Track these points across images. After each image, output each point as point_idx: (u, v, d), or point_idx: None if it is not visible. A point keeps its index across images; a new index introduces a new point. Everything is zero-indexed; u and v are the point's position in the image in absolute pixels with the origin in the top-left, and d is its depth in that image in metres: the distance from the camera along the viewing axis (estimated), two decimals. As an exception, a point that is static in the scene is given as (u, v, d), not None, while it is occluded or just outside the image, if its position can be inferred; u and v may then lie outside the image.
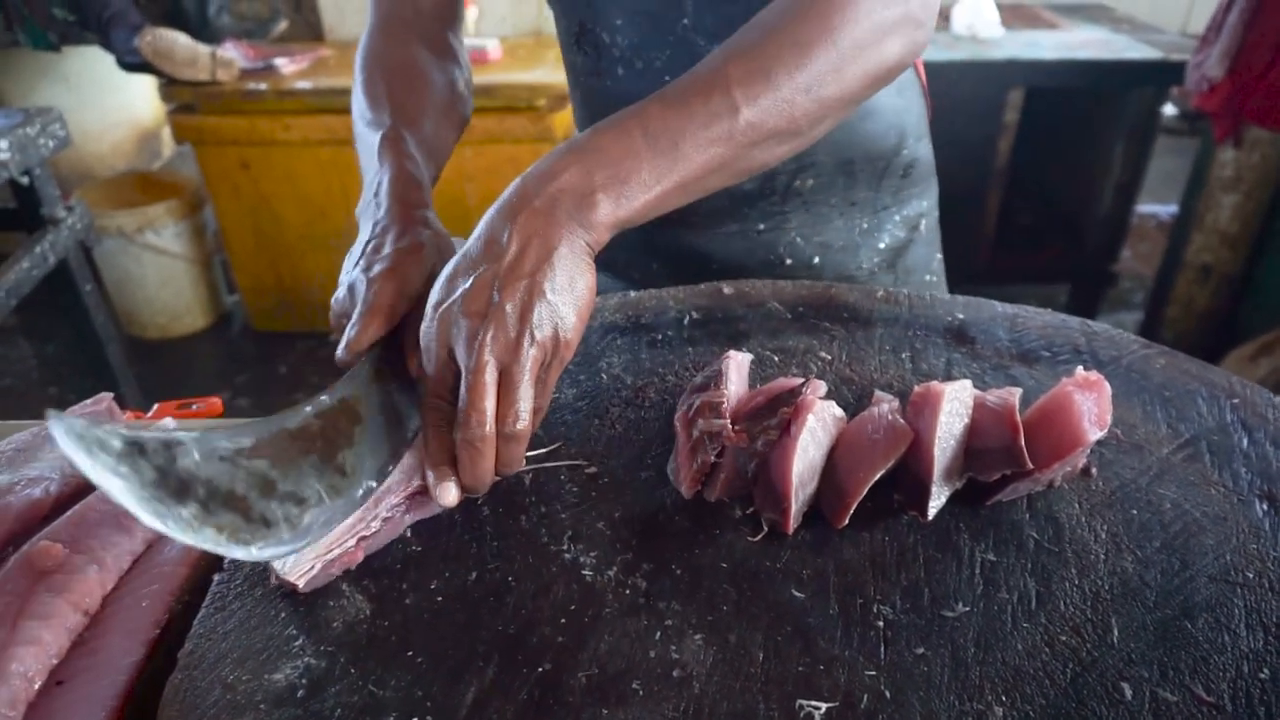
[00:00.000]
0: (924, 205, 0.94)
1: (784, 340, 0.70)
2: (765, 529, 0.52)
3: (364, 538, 0.51)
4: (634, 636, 0.46)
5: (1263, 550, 0.50)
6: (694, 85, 0.55)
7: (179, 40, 2.29)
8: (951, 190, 1.11)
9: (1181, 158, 3.19)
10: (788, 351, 0.69)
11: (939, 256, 0.99)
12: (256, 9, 2.94)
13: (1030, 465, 0.51)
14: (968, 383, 0.56)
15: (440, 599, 0.49)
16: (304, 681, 0.44)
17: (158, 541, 0.55)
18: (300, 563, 0.49)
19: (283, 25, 2.89)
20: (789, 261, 0.89)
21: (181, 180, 2.83)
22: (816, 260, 0.89)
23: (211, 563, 0.52)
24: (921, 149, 0.91)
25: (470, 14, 2.87)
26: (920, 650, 0.45)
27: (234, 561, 0.52)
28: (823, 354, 0.68)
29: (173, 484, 0.41)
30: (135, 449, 0.40)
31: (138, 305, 2.75)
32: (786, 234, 0.88)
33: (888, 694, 0.43)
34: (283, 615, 0.48)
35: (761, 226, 0.87)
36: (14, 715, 0.42)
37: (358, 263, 0.59)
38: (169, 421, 0.69)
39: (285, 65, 2.43)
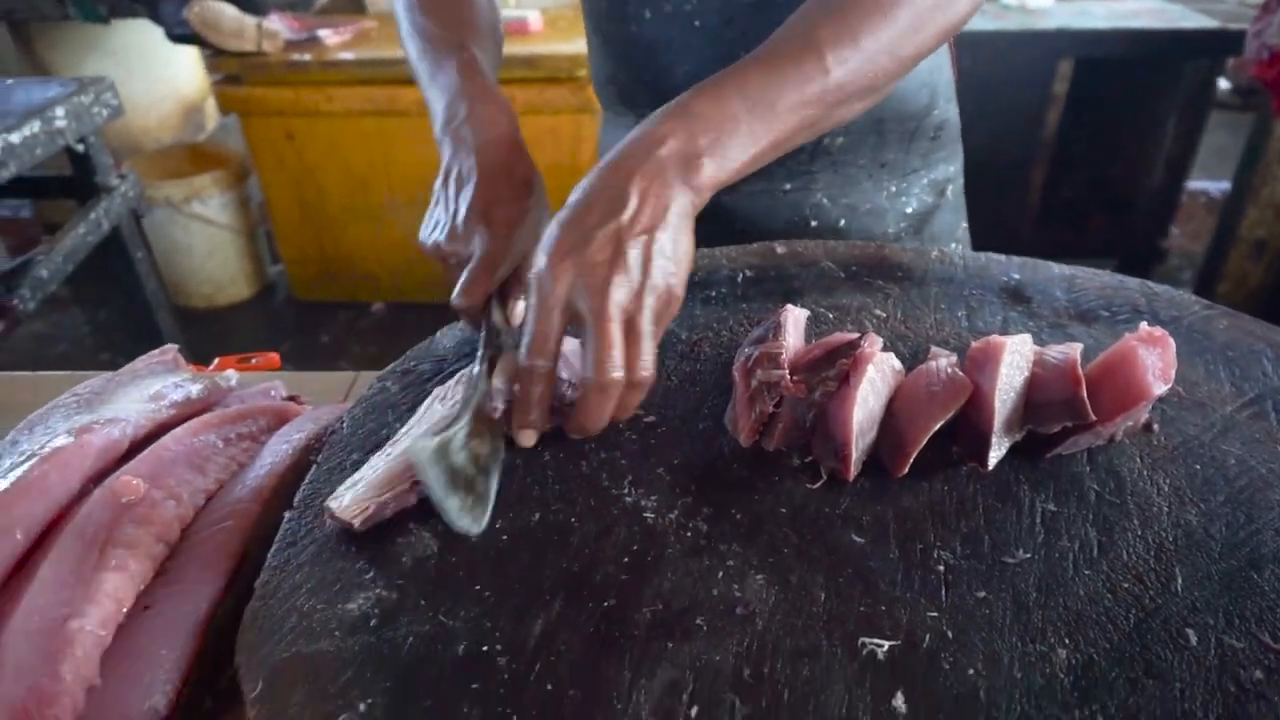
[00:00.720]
0: (950, 170, 0.93)
1: (838, 298, 0.70)
2: (824, 477, 0.53)
3: (417, 481, 0.52)
4: (696, 576, 0.47)
5: (1330, 505, 0.50)
6: (787, 48, 0.56)
7: (226, 12, 2.31)
8: (996, 162, 1.10)
9: (1234, 134, 3.11)
10: (842, 309, 0.69)
11: (964, 225, 0.98)
12: (300, -19, 2.97)
13: (1093, 417, 0.51)
14: (1028, 336, 0.56)
15: (505, 538, 0.50)
16: (376, 611, 0.46)
17: (229, 481, 0.56)
18: (356, 502, 0.50)
19: (326, -3, 2.91)
20: (814, 223, 0.88)
21: (227, 152, 2.87)
22: (842, 223, 0.88)
23: (282, 502, 0.54)
24: (951, 111, 0.91)
25: (511, -15, 2.86)
26: (981, 594, 0.45)
27: (303, 500, 0.53)
28: (878, 311, 0.68)
29: (455, 478, 0.51)
30: (439, 454, 0.51)
31: (184, 275, 2.80)
32: (813, 195, 0.87)
33: (950, 634, 0.43)
34: (353, 550, 0.49)
35: (788, 186, 0.87)
36: (105, 635, 0.44)
37: (466, 198, 0.61)
38: (231, 375, 0.71)
39: (329, 36, 2.45)
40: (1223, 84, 3.74)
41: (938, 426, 0.52)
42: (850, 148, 0.85)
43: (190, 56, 3.43)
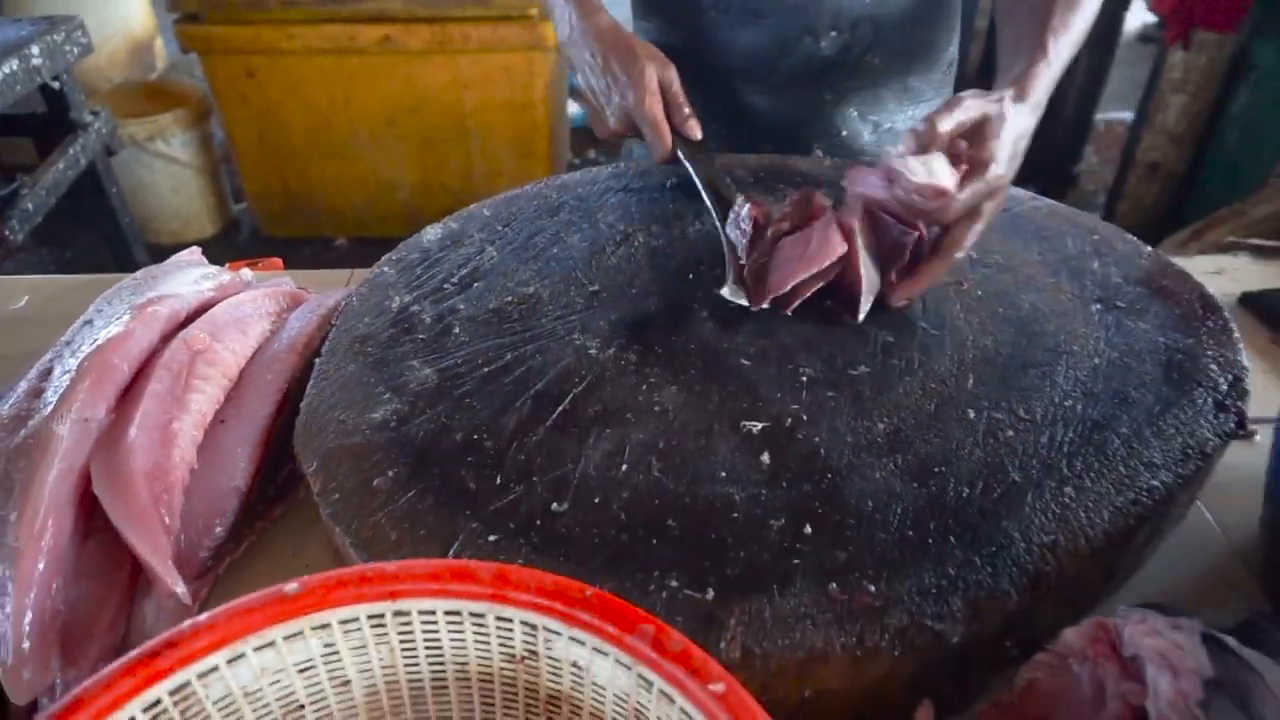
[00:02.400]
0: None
1: (746, 197, 0.87)
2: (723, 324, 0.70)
3: None
4: (627, 389, 0.64)
5: (1088, 333, 0.69)
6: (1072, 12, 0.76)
7: (183, -50, 2.37)
8: None
9: (1152, 64, 3.31)
10: (748, 205, 0.86)
11: None
12: (250, -82, 2.99)
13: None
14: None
15: (486, 369, 0.67)
16: (394, 418, 0.62)
17: (267, 342, 0.72)
18: None
19: (277, -65, 2.95)
20: (844, 133, 1.04)
21: (186, 90, 2.93)
22: (866, 135, 1.04)
23: (313, 353, 0.70)
24: (956, 52, 1.08)
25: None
26: (830, 394, 0.63)
27: (330, 349, 0.69)
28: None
29: None
30: None
31: (151, 212, 2.88)
32: (847, 107, 1.02)
33: (805, 418, 0.61)
34: (371, 380, 0.66)
35: (829, 96, 1.02)
36: (197, 434, 0.60)
37: (614, 90, 0.85)
38: (247, 272, 0.86)
39: (285, -25, 2.52)
40: (1152, 18, 3.92)
41: (811, 276, 0.69)
42: (884, 69, 1.00)
43: (139, -6, 3.44)
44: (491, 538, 0.53)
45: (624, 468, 0.58)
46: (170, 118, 2.70)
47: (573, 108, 3.80)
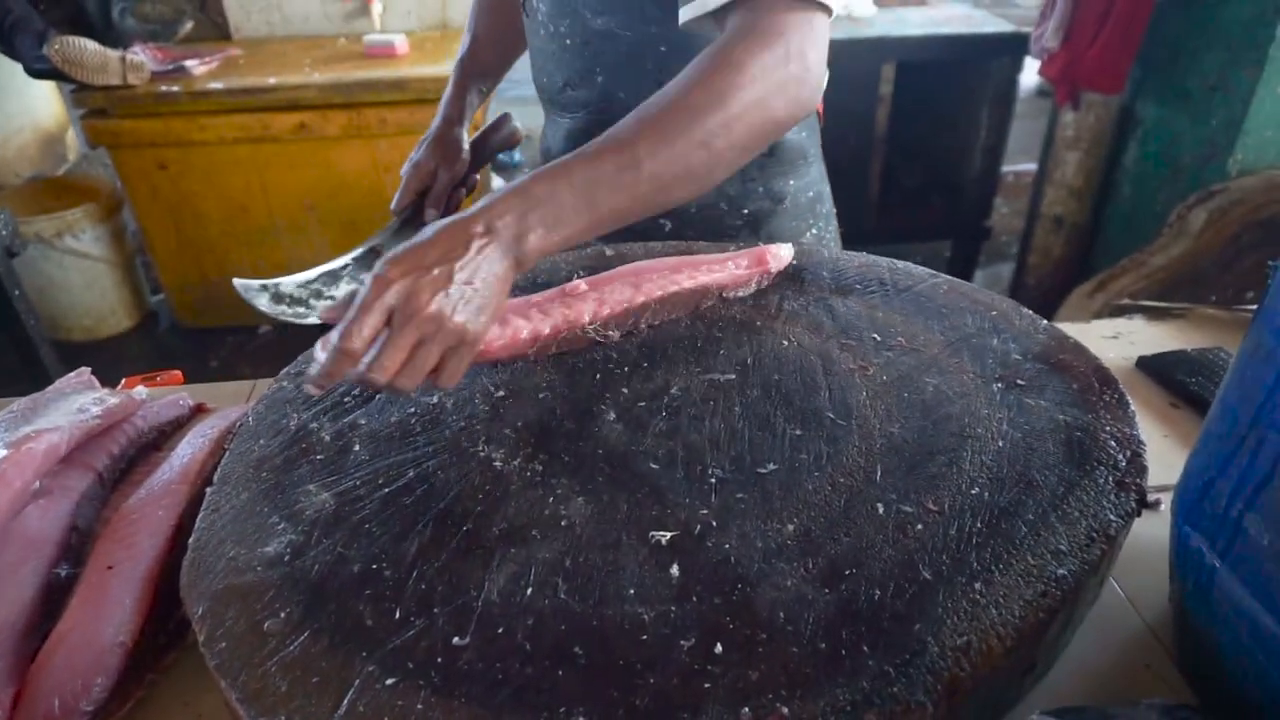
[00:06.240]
0: (790, 185, 1.09)
1: (653, 289, 0.87)
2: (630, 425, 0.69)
3: None
4: (533, 502, 0.62)
5: (991, 414, 0.69)
6: (610, 144, 0.68)
7: (88, 47, 2.33)
8: (837, 158, 1.29)
9: (1050, 119, 3.46)
10: (656, 297, 0.86)
11: (814, 231, 1.15)
12: (161, 10, 2.98)
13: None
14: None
15: (386, 490, 0.64)
16: (288, 550, 0.59)
17: (157, 470, 0.69)
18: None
19: (189, 26, 2.94)
20: (664, 222, 1.06)
21: (96, 183, 2.86)
22: (692, 209, 1.06)
23: (205, 480, 0.67)
24: (788, 138, 1.07)
25: (375, 9, 2.96)
26: (740, 496, 0.62)
27: (223, 476, 0.66)
28: (683, 297, 0.85)
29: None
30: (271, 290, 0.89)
31: (62, 310, 2.78)
32: None
33: (714, 524, 0.60)
34: (264, 509, 0.63)
35: None
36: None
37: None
38: (141, 390, 0.83)
39: (195, 66, 2.50)
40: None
41: (714, 380, 0.69)
42: None
43: (46, 87, 3.37)
44: (389, 681, 0.50)
45: (529, 591, 0.56)
46: (79, 212, 2.63)
47: (496, 181, 3.82)
